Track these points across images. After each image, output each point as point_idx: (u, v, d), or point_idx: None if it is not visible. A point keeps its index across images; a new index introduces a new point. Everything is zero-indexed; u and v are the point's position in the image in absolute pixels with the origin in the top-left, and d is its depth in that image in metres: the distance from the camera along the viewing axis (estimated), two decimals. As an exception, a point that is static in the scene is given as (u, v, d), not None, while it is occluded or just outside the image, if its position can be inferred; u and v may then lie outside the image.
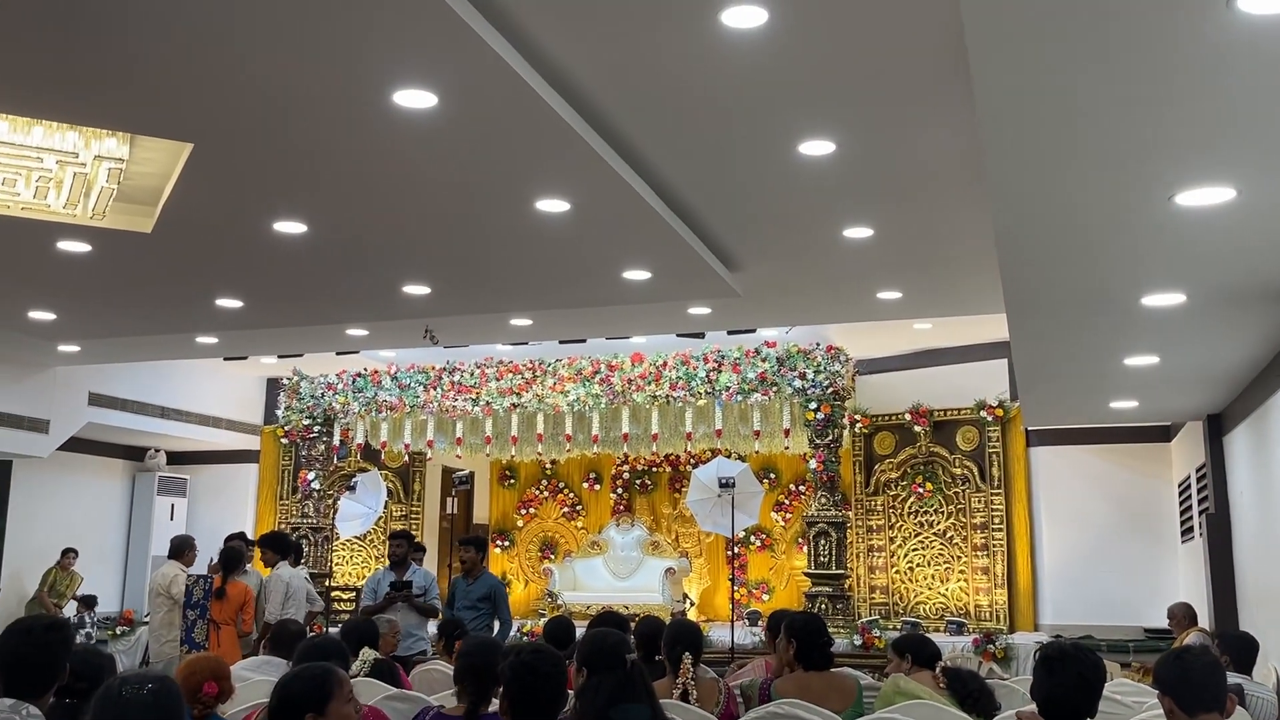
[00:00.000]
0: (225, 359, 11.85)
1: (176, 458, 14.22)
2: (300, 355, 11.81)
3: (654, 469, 13.99)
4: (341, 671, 3.11)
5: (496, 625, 7.95)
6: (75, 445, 12.22)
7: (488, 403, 11.62)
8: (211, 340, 10.06)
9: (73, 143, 5.34)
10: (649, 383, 11.10)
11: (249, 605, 8.05)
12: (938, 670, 4.62)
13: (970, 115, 3.76)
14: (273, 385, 13.93)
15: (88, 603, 11.95)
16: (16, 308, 8.81)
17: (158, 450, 13.93)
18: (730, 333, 10.25)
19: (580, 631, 5.71)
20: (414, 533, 12.36)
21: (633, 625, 5.59)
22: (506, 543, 14.30)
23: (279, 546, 8.62)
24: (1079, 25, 2.84)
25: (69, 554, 11.87)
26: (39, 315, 9.03)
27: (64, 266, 7.33)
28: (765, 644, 6.55)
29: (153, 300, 8.47)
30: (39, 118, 5.08)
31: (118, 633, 11.88)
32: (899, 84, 4.65)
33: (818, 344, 10.84)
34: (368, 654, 5.39)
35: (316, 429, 12.33)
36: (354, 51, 4.20)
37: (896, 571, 12.00)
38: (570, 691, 3.44)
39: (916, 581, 11.88)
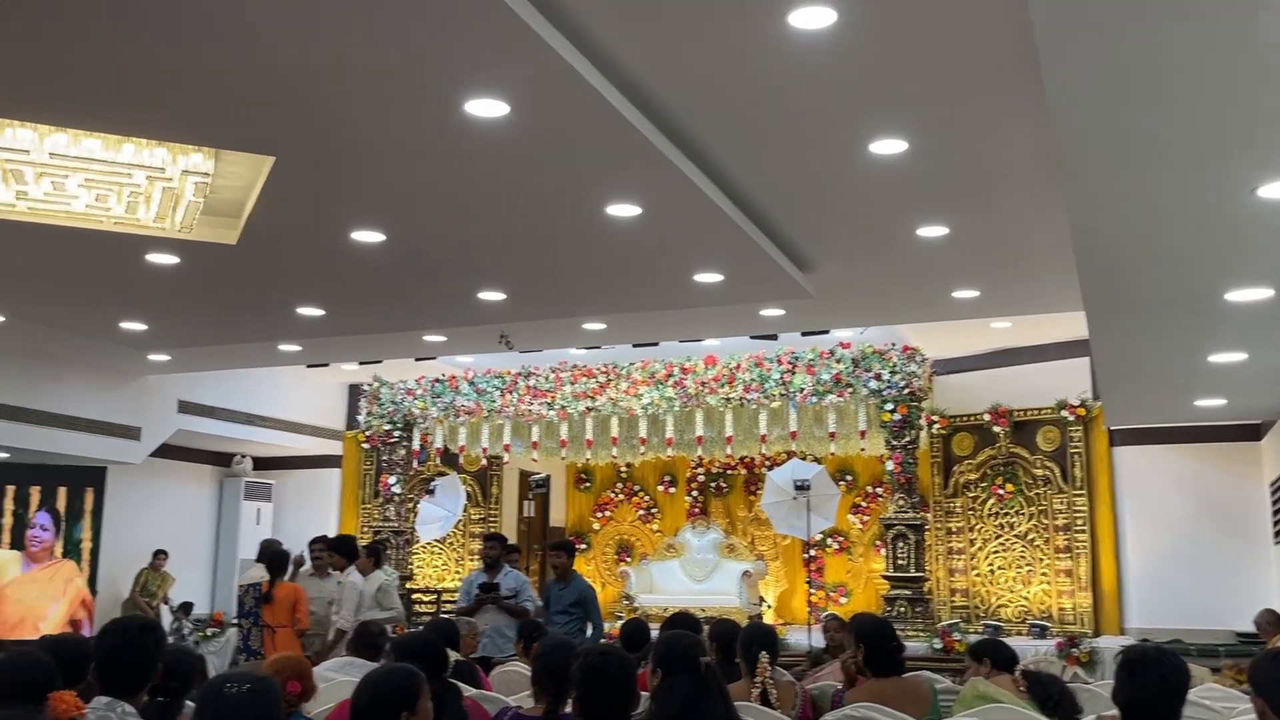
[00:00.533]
0: (308, 366, 12.12)
1: (262, 463, 14.56)
2: (380, 362, 12.03)
3: (729, 472, 13.97)
4: (421, 673, 3.17)
5: (590, 629, 7.99)
6: (166, 452, 12.58)
7: (562, 406, 11.71)
8: (294, 348, 10.30)
9: (161, 159, 5.51)
10: (723, 385, 11.09)
11: (300, 603, 8.16)
12: (1017, 674, 4.55)
13: (1044, 110, 3.72)
14: (354, 391, 14.19)
15: (185, 609, 12.26)
16: (109, 319, 9.12)
17: (244, 456, 14.27)
18: (804, 334, 10.20)
19: (655, 633, 5.74)
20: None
21: (706, 628, 5.61)
22: (583, 545, 14.39)
23: (346, 550, 8.72)
24: (1151, 19, 2.80)
25: (160, 555, 12.15)
26: (130, 326, 9.33)
27: (153, 278, 7.56)
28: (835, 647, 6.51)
29: (238, 309, 8.70)
30: (129, 135, 5.26)
31: (208, 634, 12.18)
32: (970, 80, 4.61)
33: (893, 344, 10.74)
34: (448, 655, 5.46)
35: (397, 434, 12.53)
36: (427, 63, 4.29)
37: (977, 574, 11.83)
38: (644, 693, 3.47)
39: (997, 584, 11.70)
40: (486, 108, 4.68)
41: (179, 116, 4.93)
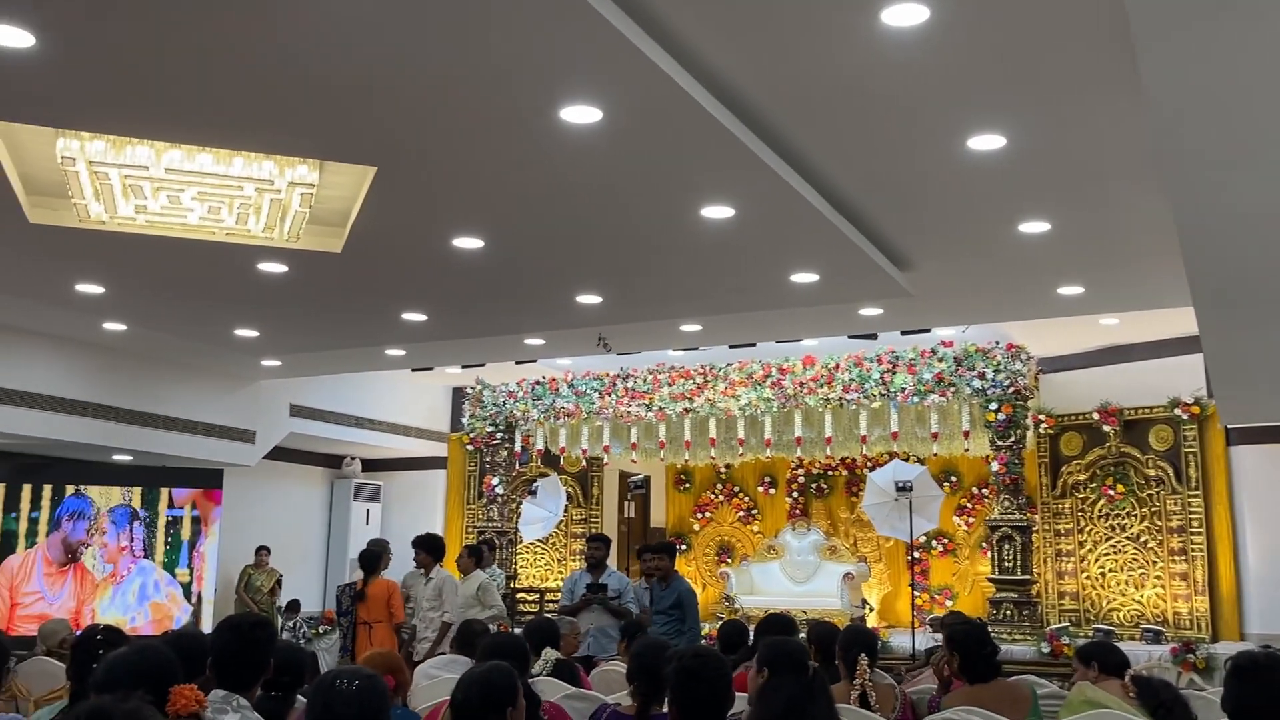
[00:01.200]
0: (413, 370, 12.40)
1: (371, 465, 14.92)
2: (482, 365, 12.23)
3: (829, 472, 13.86)
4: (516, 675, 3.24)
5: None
6: (278, 454, 12.98)
7: (660, 408, 11.76)
8: (399, 352, 10.55)
9: (269, 171, 5.70)
10: (821, 385, 11.01)
11: (394, 598, 8.38)
12: (1127, 679, 4.43)
13: (1143, 100, 3.63)
14: (458, 394, 14.45)
15: (293, 608, 12.60)
16: (224, 326, 9.46)
17: (353, 458, 14.65)
18: (904, 333, 10.08)
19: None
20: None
21: (803, 629, 5.59)
22: (683, 546, 14.41)
23: (432, 548, 8.91)
24: (1247, 6, 2.72)
25: (262, 551, 12.36)
26: (244, 332, 9.66)
27: (264, 286, 7.83)
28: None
29: (344, 315, 8.95)
30: (239, 149, 5.46)
31: (320, 631, 12.53)
32: (1068, 73, 4.51)
33: (997, 342, 10.53)
34: (549, 654, 5.54)
35: (499, 436, 12.73)
36: (522, 73, 4.38)
37: (1087, 577, 11.53)
38: (741, 694, 3.50)
39: (1108, 587, 11.39)
40: (580, 114, 4.75)
41: (286, 130, 5.11)
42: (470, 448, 13.91)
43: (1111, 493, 11.38)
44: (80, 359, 10.25)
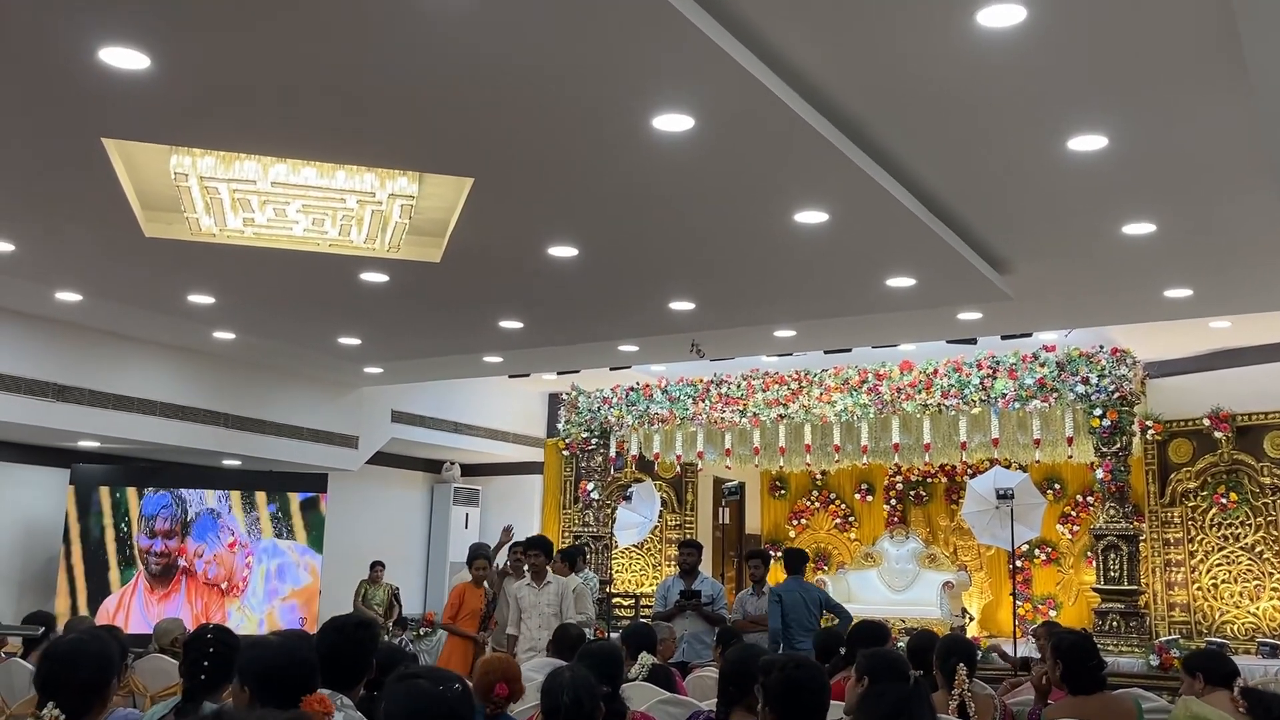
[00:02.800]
0: (510, 376, 12.56)
1: (469, 470, 15.16)
2: (577, 371, 12.34)
3: (928, 480, 13.65)
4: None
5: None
6: (380, 459, 13.27)
7: (755, 414, 11.72)
8: (497, 359, 10.71)
9: (370, 183, 5.87)
10: (919, 391, 10.85)
11: (456, 605, 8.52)
12: (1236, 692, 4.27)
13: (1250, 96, 3.52)
14: (554, 400, 14.60)
15: (401, 624, 12.73)
16: (328, 334, 9.72)
17: (453, 463, 14.89)
18: (1004, 337, 9.88)
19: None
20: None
21: (902, 638, 5.53)
22: (779, 554, 14.32)
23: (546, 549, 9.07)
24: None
25: (378, 567, 12.18)
26: (347, 340, 9.91)
27: (366, 295, 8.02)
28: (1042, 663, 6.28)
29: (443, 323, 9.13)
30: (342, 163, 5.63)
31: (421, 633, 12.75)
32: (1169, 71, 4.40)
33: (1101, 346, 10.26)
34: (645, 659, 5.56)
35: (594, 441, 12.82)
36: (614, 84, 4.43)
37: (1198, 588, 11.15)
38: (836, 702, 3.48)
39: (1221, 599, 11.01)
40: (672, 122, 4.79)
41: (385, 144, 5.25)
42: (566, 453, 14.04)
43: (1224, 501, 10.99)
44: (191, 366, 10.63)
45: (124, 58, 4.31)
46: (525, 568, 7.93)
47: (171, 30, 4.11)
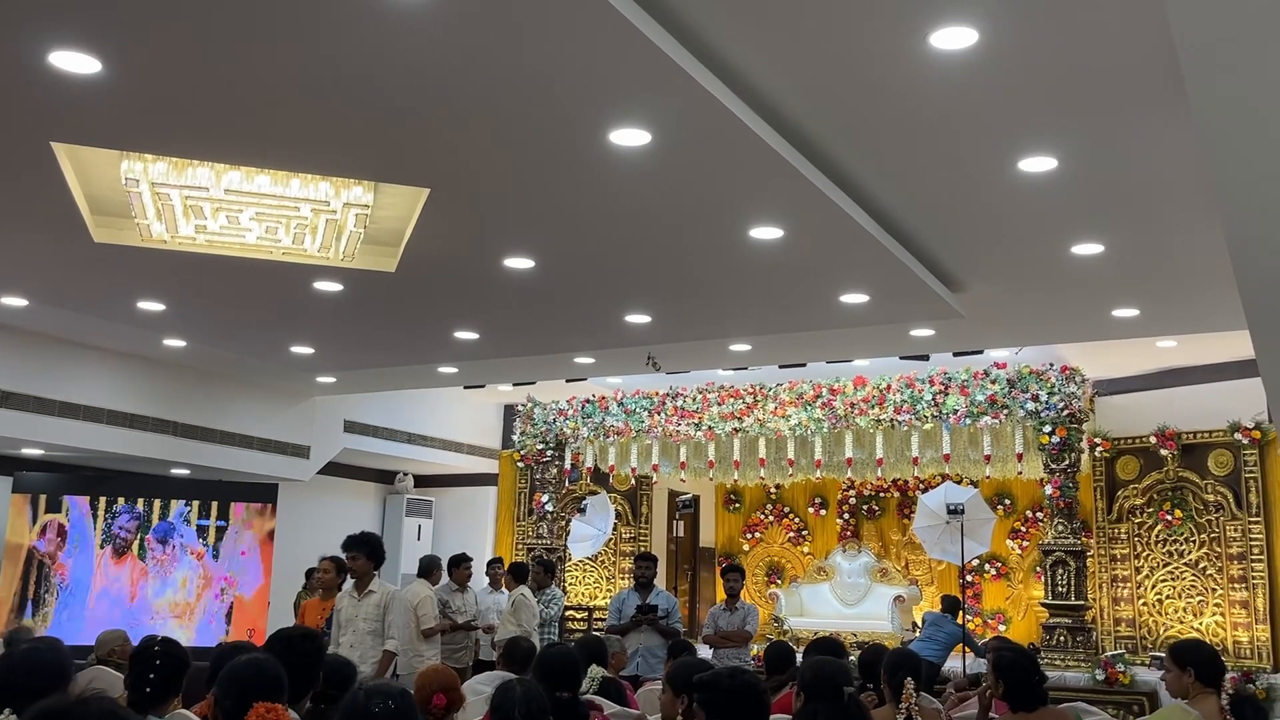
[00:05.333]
0: (465, 387, 12.53)
1: (423, 481, 15.06)
2: (533, 383, 12.32)
3: (881, 494, 13.76)
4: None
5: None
6: (332, 469, 13.16)
7: (710, 427, 11.76)
8: (452, 370, 10.66)
9: (325, 192, 5.83)
10: (872, 406, 10.95)
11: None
12: (1224, 702, 4.19)
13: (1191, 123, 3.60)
14: (509, 411, 14.56)
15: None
16: (280, 343, 9.63)
17: (406, 474, 14.80)
18: (956, 354, 10.00)
19: (799, 657, 5.73)
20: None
21: (855, 651, 5.56)
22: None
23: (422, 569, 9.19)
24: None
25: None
26: (300, 349, 9.83)
27: (320, 304, 7.96)
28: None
29: (398, 333, 9.07)
30: (296, 171, 5.59)
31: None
32: (1118, 96, 4.49)
33: (1051, 364, 10.41)
34: (596, 671, 5.56)
35: (549, 453, 12.79)
36: (572, 97, 4.43)
37: (1144, 603, 11.32)
38: (778, 716, 3.49)
39: (1166, 614, 11.18)
40: (629, 137, 4.80)
41: (341, 152, 5.22)
42: (521, 465, 13.99)
43: (1169, 518, 11.18)
44: (140, 374, 10.49)
45: (75, 62, 4.26)
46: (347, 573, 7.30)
47: (123, 35, 4.07)
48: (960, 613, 9.97)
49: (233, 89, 4.50)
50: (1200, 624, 10.94)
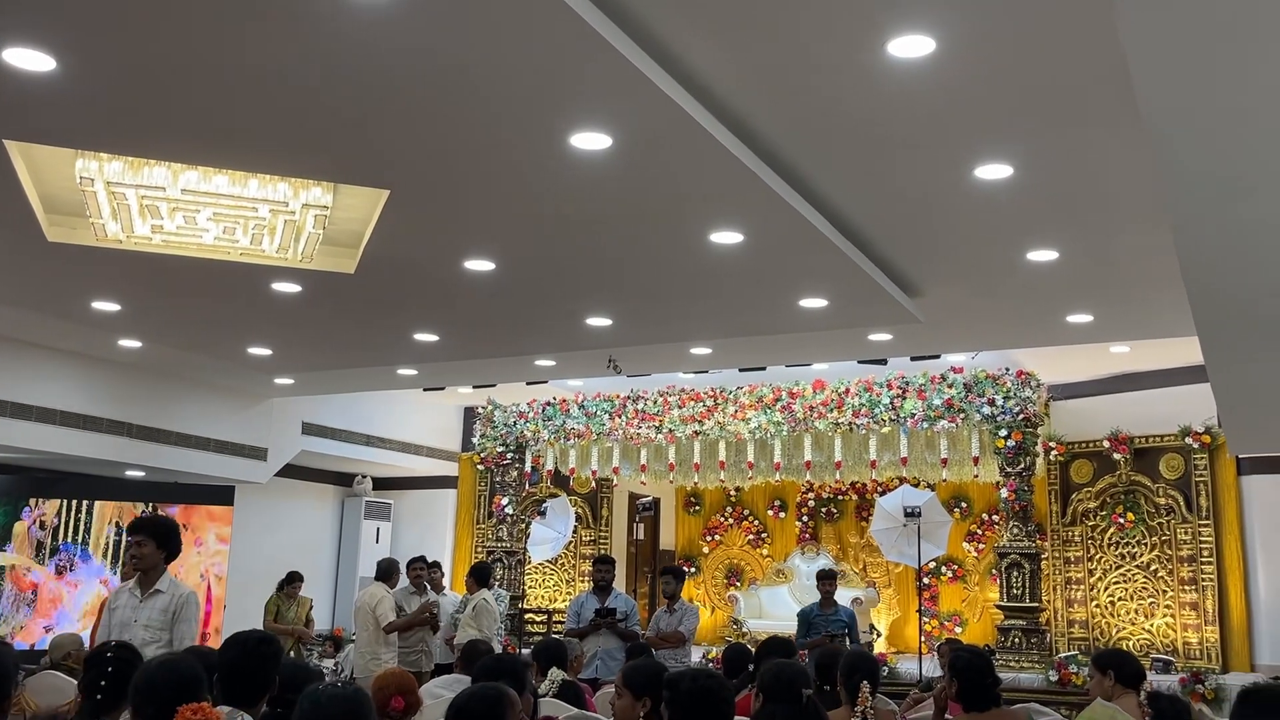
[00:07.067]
0: (425, 389, 12.46)
1: (381, 483, 14.97)
2: (493, 385, 12.29)
3: (840, 497, 13.85)
4: (512, 692, 3.27)
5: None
6: (290, 471, 13.04)
7: (670, 430, 11.79)
8: (411, 372, 10.62)
9: (283, 193, 5.79)
10: (831, 410, 11.03)
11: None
12: (1143, 697, 4.37)
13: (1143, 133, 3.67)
14: (469, 414, 14.51)
15: (337, 644, 12.33)
16: (238, 344, 9.54)
17: (364, 476, 14.70)
18: (913, 358, 10.09)
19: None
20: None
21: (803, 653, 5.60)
22: (692, 569, 14.41)
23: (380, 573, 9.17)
24: (1245, 41, 2.76)
25: (296, 581, 10.76)
26: (257, 351, 9.74)
27: (278, 306, 7.90)
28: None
29: (357, 335, 9.02)
30: (255, 171, 5.55)
31: (327, 649, 12.52)
32: (1072, 105, 4.56)
33: (1007, 369, 10.55)
34: (556, 674, 5.56)
35: (509, 456, 12.77)
36: (533, 101, 4.44)
37: (1096, 605, 11.48)
38: (741, 718, 3.52)
39: (1118, 616, 11.35)
40: (590, 141, 4.81)
41: (300, 153, 5.19)
42: (481, 467, 13.95)
43: (1122, 521, 11.35)
44: (95, 375, 10.35)
45: (29, 59, 4.21)
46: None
47: (79, 32, 4.02)
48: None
49: (189, 89, 4.46)
50: (1151, 625, 11.11)
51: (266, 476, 12.41)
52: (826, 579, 8.86)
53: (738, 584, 14.04)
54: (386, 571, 9.24)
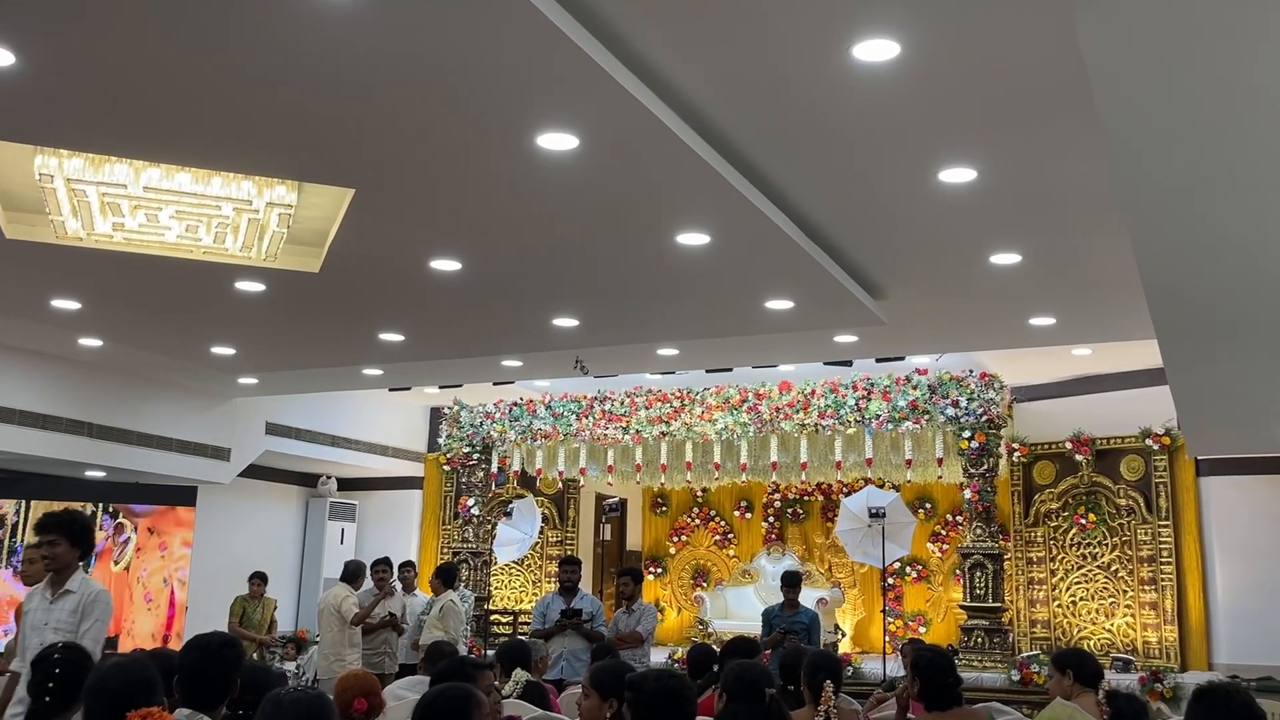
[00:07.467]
0: (390, 390, 12.39)
1: (346, 484, 14.88)
2: (460, 385, 12.24)
3: (806, 498, 13.91)
4: (479, 693, 3.26)
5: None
6: (254, 472, 12.93)
7: (637, 431, 11.80)
8: (377, 372, 10.56)
9: (247, 191, 5.75)
10: (797, 411, 11.08)
11: None
12: (1101, 695, 4.42)
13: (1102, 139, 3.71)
14: (435, 414, 14.45)
15: (299, 646, 12.28)
16: (201, 343, 9.46)
17: (329, 477, 14.60)
18: (879, 360, 10.16)
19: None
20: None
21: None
22: (659, 570, 14.43)
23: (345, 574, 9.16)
24: (1202, 48, 2.80)
25: (256, 580, 10.62)
26: (221, 350, 9.66)
27: (242, 305, 7.84)
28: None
29: (322, 335, 8.96)
30: (218, 169, 5.50)
31: (289, 651, 12.43)
32: (1035, 110, 4.61)
33: (971, 371, 10.63)
34: (520, 675, 5.55)
35: (476, 456, 12.73)
36: (500, 99, 4.43)
37: (1058, 605, 11.61)
38: (704, 718, 3.53)
39: (1080, 616, 11.47)
40: (557, 141, 4.81)
41: (264, 151, 5.15)
42: (447, 468, 13.90)
43: (1083, 521, 11.47)
44: (54, 374, 10.22)
45: (-13, 53, 4.15)
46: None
47: (39, 27, 3.97)
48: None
49: (151, 85, 4.42)
50: (1112, 625, 11.24)
51: (230, 477, 12.30)
52: (790, 585, 8.84)
53: (704, 584, 14.07)
54: (353, 573, 9.19)
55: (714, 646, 7.41)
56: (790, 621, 8.56)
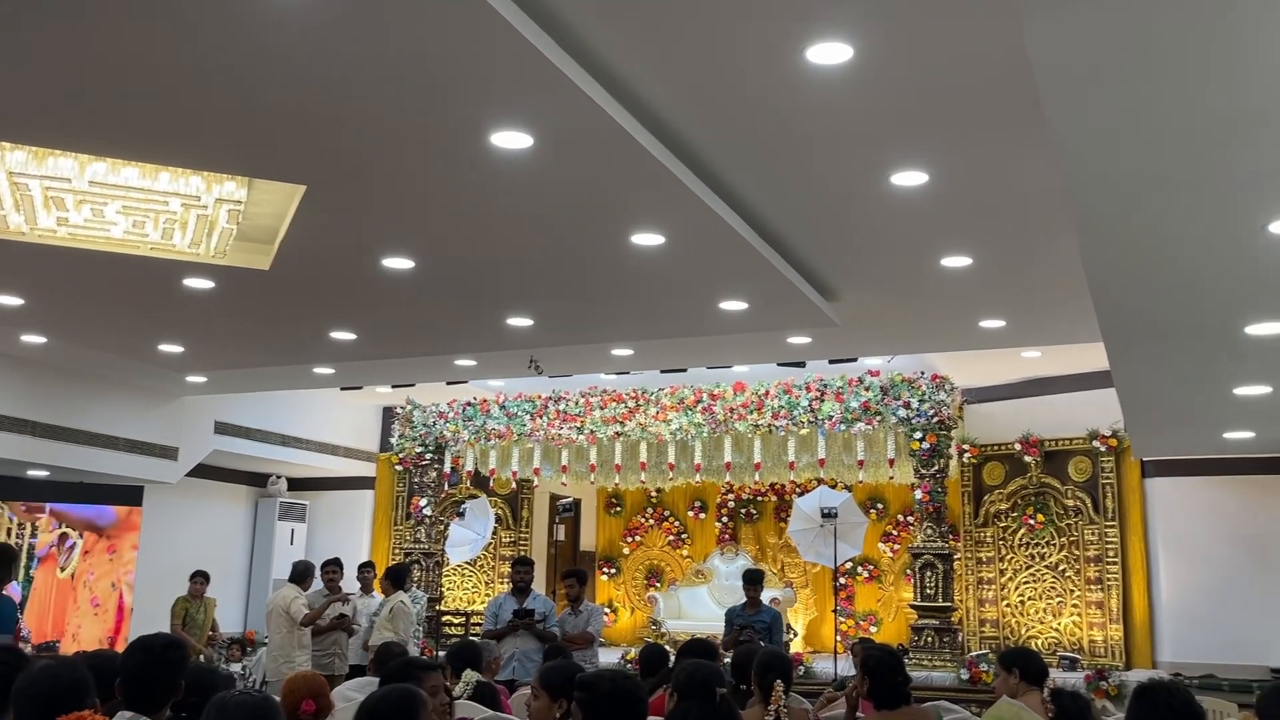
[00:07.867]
0: (342, 389, 12.28)
1: (297, 484, 14.72)
2: (413, 385, 12.17)
3: (759, 498, 13.97)
4: (423, 693, 3.24)
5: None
6: (202, 471, 12.76)
7: (592, 431, 11.79)
8: (328, 371, 10.46)
9: (196, 187, 5.67)
10: (751, 411, 11.13)
11: None
12: (1046, 694, 4.47)
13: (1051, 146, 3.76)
14: (388, 414, 14.34)
15: (244, 647, 12.12)
16: (148, 341, 9.31)
17: (279, 477, 14.44)
18: (831, 362, 10.23)
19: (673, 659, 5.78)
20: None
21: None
22: (613, 570, 14.42)
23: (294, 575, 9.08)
24: (1152, 59, 2.85)
25: (198, 579, 10.27)
26: (168, 348, 9.52)
27: (190, 302, 7.73)
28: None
29: (272, 333, 8.86)
30: (165, 164, 5.41)
31: (236, 654, 12.28)
32: (986, 115, 4.66)
33: (922, 373, 10.74)
34: (470, 676, 5.52)
35: (429, 456, 12.66)
36: (454, 97, 4.40)
37: (1007, 605, 11.75)
38: (654, 718, 3.52)
39: (1028, 615, 11.62)
40: (511, 140, 4.78)
41: (213, 147, 5.08)
42: (399, 468, 13.81)
43: (1032, 522, 11.63)
44: (-3, 371, 10.03)
45: (-74, 42, 4.06)
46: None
47: (-20, 17, 3.89)
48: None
49: (94, 77, 4.34)
50: (1059, 624, 11.40)
51: (177, 476, 12.13)
52: (751, 584, 8.87)
53: (658, 585, 14.08)
54: (301, 574, 9.10)
55: (666, 647, 7.42)
56: (752, 620, 8.59)
